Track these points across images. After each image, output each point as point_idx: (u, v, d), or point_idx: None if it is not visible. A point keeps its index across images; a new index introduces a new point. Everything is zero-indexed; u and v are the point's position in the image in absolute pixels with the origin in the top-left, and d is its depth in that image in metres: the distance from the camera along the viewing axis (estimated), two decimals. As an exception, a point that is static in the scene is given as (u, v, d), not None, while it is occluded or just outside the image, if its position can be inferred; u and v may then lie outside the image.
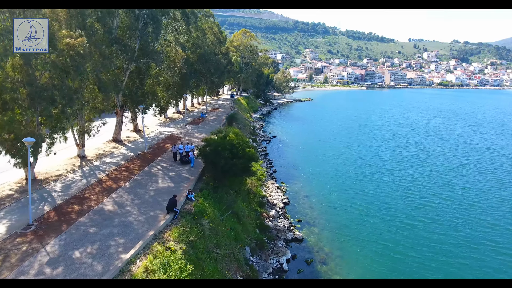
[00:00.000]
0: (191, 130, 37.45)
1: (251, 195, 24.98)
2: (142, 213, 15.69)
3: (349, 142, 53.98)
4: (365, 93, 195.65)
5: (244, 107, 78.31)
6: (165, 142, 31.08)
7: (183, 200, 17.09)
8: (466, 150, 50.06)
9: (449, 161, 43.05)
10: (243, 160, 19.99)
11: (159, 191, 18.43)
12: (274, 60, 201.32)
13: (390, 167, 39.31)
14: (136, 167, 22.86)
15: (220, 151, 19.61)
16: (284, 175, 36.04)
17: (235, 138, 21.45)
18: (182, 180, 20.41)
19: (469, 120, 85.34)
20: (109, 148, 27.51)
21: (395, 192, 31.40)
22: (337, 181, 34.39)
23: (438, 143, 54.21)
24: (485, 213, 27.68)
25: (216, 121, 45.00)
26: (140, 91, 27.02)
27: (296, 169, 38.43)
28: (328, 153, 45.91)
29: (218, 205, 19.02)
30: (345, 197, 29.95)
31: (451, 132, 65.50)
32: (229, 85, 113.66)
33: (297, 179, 34.93)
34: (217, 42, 55.77)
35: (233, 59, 78.26)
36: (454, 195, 31.12)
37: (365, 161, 41.82)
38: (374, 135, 60.09)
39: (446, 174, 37.21)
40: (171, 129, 37.89)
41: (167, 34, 30.28)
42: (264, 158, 41.70)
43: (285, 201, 28.17)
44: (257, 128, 62.58)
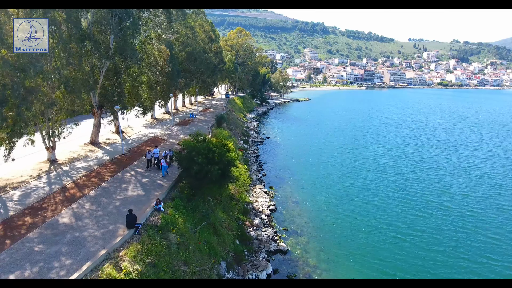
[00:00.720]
0: (177, 132, 35.80)
1: (233, 202, 23.34)
2: (100, 227, 14.05)
3: (345, 144, 52.34)
4: (364, 93, 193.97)
5: (239, 107, 76.70)
6: (146, 144, 29.43)
7: (149, 211, 15.45)
8: (465, 152, 48.30)
9: (448, 165, 41.31)
10: (220, 165, 18.33)
11: (126, 201, 16.78)
12: (272, 60, 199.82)
13: (386, 172, 37.62)
14: (109, 172, 21.21)
15: (194, 156, 17.95)
16: (274, 179, 34.40)
17: (214, 141, 19.79)
18: (154, 188, 18.75)
19: (469, 121, 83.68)
20: (84, 152, 25.86)
21: (391, 199, 29.72)
22: (330, 186, 32.73)
23: (436, 145, 52.53)
24: (485, 222, 26.03)
25: (205, 122, 43.36)
26: (117, 90, 25.36)
27: (288, 172, 36.78)
28: (322, 156, 44.26)
29: (192, 215, 17.38)
30: (337, 204, 28.30)
31: (450, 134, 63.84)
32: (226, 85, 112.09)
33: (288, 183, 33.28)
34: (209, 41, 54.08)
35: (227, 58, 76.64)
36: (453, 203, 29.38)
37: (360, 164, 40.14)
38: (371, 136, 58.45)
39: (444, 180, 35.48)
40: (156, 130, 36.25)
41: (148, 30, 28.65)
42: (254, 161, 40.08)
43: (272, 208, 26.53)
44: (251, 129, 60.97)
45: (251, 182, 31.42)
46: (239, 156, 34.00)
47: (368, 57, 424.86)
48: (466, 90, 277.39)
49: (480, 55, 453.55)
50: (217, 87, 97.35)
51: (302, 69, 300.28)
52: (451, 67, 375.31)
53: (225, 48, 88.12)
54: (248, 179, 27.73)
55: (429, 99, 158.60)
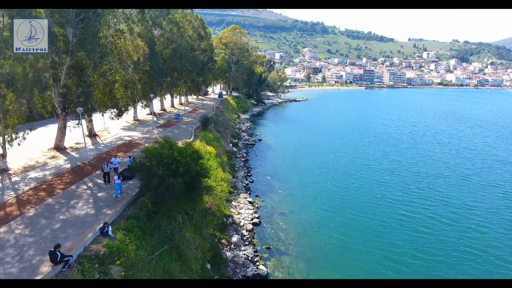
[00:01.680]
0: (157, 135, 32.96)
1: (209, 217, 20.55)
2: (23, 260, 11.25)
3: (341, 147, 49.55)
4: (363, 93, 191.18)
5: (232, 108, 73.89)
6: (118, 149, 26.64)
7: (90, 237, 12.65)
8: (469, 157, 45.19)
9: (451, 172, 38.31)
10: (186, 177, 15.54)
11: (69, 222, 13.99)
12: (270, 59, 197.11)
13: (384, 180, 34.70)
14: (63, 184, 18.41)
15: (153, 166, 15.15)
16: (262, 186, 31.61)
17: (181, 148, 16.97)
18: (109, 205, 15.95)
19: (471, 122, 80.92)
20: (44, 159, 23.06)
21: (389, 213, 26.88)
22: (322, 196, 29.95)
23: (438, 149, 49.62)
24: (495, 239, 23.26)
25: (191, 123, 40.54)
26: (80, 89, 22.54)
27: (277, 179, 33.98)
28: (316, 161, 41.45)
29: (150, 238, 14.59)
30: (328, 217, 25.50)
31: (453, 136, 61.00)
32: (220, 85, 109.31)
33: (276, 191, 30.48)
34: (197, 37, 51.28)
35: (220, 57, 73.92)
36: (456, 216, 26.54)
37: (356, 171, 37.24)
38: (369, 139, 55.62)
39: (447, 190, 32.50)
40: (134, 133, 33.45)
41: (119, 22, 25.85)
42: (242, 166, 37.29)
43: (255, 221, 23.74)
44: (243, 130, 58.19)
45: (235, 191, 28.64)
46: (223, 161, 31.21)
47: (367, 57, 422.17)
48: (466, 90, 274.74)
49: (480, 55, 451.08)
50: (211, 87, 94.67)
51: (301, 68, 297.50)
52: (451, 67, 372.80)
53: (219, 46, 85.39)
54: (227, 190, 24.88)
55: (429, 99, 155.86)
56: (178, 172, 15.38)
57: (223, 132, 47.19)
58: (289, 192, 30.42)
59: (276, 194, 29.84)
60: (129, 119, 41.21)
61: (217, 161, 29.46)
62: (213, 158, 28.51)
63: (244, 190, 29.86)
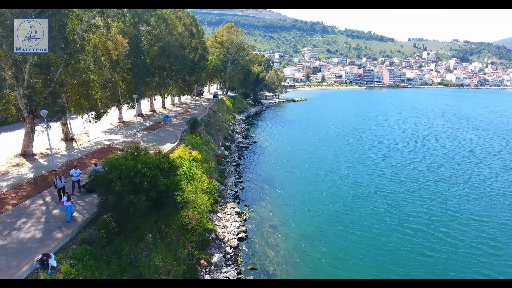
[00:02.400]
0: (140, 138, 30.67)
1: (187, 234, 18.24)
2: None
3: (339, 151, 47.27)
4: (363, 93, 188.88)
5: (227, 108, 71.60)
6: (93, 155, 24.33)
7: (25, 271, 10.34)
8: (475, 162, 42.48)
9: (455, 178, 35.83)
10: (153, 193, 13.25)
11: (6, 250, 11.65)
12: (268, 58, 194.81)
13: (384, 188, 32.33)
14: (17, 198, 16.11)
15: (111, 181, 12.84)
16: (253, 194, 29.28)
17: (150, 158, 14.64)
18: (61, 226, 13.63)
19: (474, 123, 78.65)
20: (7, 167, 20.75)
21: (390, 226, 24.57)
22: (318, 206, 27.63)
23: (441, 153, 47.19)
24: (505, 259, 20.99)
25: (179, 126, 38.25)
26: (48, 89, 20.23)
27: (270, 186, 31.66)
28: (313, 166, 39.13)
29: (106, 267, 12.29)
30: (323, 231, 23.18)
31: (456, 138, 58.66)
32: (217, 85, 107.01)
33: (268, 200, 28.17)
34: (189, 35, 48.95)
35: (215, 55, 71.63)
36: (467, 236, 24.21)
37: (355, 178, 34.81)
38: (368, 142, 53.32)
39: (451, 198, 30.31)
40: (116, 137, 31.15)
41: (94, 17, 23.52)
42: (233, 171, 34.97)
43: (241, 236, 21.42)
44: (237, 132, 55.88)
45: (222, 200, 26.32)
46: (211, 168, 28.89)
47: (367, 56, 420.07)
48: (466, 90, 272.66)
49: (480, 54, 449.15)
50: (207, 87, 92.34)
51: (300, 68, 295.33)
52: (451, 66, 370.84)
53: (215, 45, 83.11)
54: (211, 201, 22.43)
55: (430, 100, 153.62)
56: (143, 187, 13.08)
57: (215, 135, 44.90)
58: (282, 201, 28.11)
59: (267, 203, 27.53)
60: (114, 121, 38.93)
61: (203, 167, 27.17)
62: (198, 165, 26.23)
63: (233, 198, 27.55)
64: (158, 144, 28.30)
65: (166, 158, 15.05)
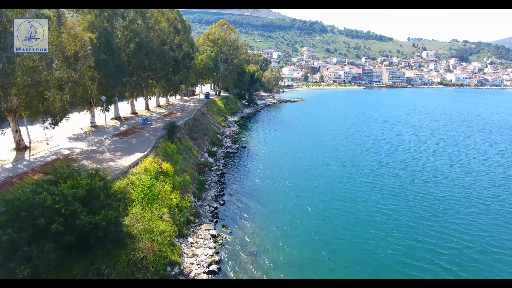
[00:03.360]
0: (106, 147, 26.95)
1: (140, 273, 14.54)
2: None
3: (335, 159, 43.63)
4: (362, 93, 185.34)
5: (219, 110, 67.92)
6: (41, 169, 20.55)
7: None
8: (484, 172, 38.19)
9: (468, 193, 31.45)
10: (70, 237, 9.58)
11: None
12: (265, 58, 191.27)
13: (384, 204, 28.56)
14: None
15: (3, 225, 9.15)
16: (234, 211, 25.61)
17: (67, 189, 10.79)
18: None
19: (478, 126, 75.06)
20: None
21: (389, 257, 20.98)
22: (308, 226, 24.00)
23: (448, 161, 43.07)
24: None
25: (158, 130, 34.49)
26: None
27: (255, 200, 28.00)
28: (305, 175, 35.48)
29: None
30: (313, 261, 19.51)
31: (460, 143, 54.88)
32: (211, 85, 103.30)
33: (251, 218, 24.51)
34: (174, 31, 45.20)
35: (206, 54, 67.91)
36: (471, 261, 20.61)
37: (352, 192, 30.74)
38: (367, 148, 49.54)
39: (464, 224, 26.66)
40: (81, 144, 27.43)
41: (40, 5, 19.87)
42: (216, 181, 31.29)
43: (213, 269, 17.73)
44: (227, 135, 52.18)
45: (196, 220, 22.63)
46: (185, 180, 25.15)
47: (366, 56, 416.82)
48: (467, 90, 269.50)
49: (479, 54, 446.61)
50: (198, 87, 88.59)
51: (299, 68, 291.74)
52: (450, 66, 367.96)
53: (207, 43, 79.48)
54: (171, 230, 18.56)
55: (430, 100, 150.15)
56: (52, 232, 9.39)
57: (200, 139, 41.19)
58: (267, 220, 24.43)
59: (250, 222, 23.85)
60: (85, 125, 35.20)
61: (175, 181, 23.48)
62: (168, 179, 22.55)
63: (210, 217, 23.85)
64: (124, 153, 24.61)
65: (97, 184, 11.33)
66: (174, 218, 19.68)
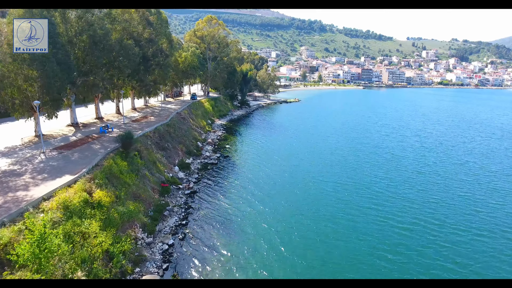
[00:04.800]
0: (35, 165, 21.12)
1: None
2: None
3: (329, 171, 37.82)
4: (361, 93, 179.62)
5: (204, 112, 62.11)
6: None
7: None
8: (507, 191, 32.68)
9: (473, 211, 26.67)
10: None
11: None
12: (261, 57, 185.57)
13: (380, 225, 23.26)
14: None
15: None
16: (195, 249, 19.80)
17: None
18: None
19: (488, 131, 69.20)
20: None
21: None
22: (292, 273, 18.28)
23: (460, 175, 37.08)
24: None
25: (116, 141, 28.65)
26: None
27: (227, 231, 22.22)
28: (294, 194, 29.72)
29: None
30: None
31: (471, 152, 48.75)
32: (201, 85, 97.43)
33: (216, 261, 18.72)
34: (146, 24, 39.34)
35: (190, 51, 62.02)
36: None
37: (348, 220, 25.42)
38: (366, 158, 43.58)
39: (463, 243, 21.16)
40: (3, 162, 21.60)
41: None
42: (181, 205, 25.48)
43: None
44: (209, 142, 46.37)
45: (136, 269, 16.81)
46: (130, 211, 19.32)
47: (366, 55, 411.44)
48: (468, 90, 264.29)
49: (479, 54, 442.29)
50: (188, 86, 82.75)
51: (297, 67, 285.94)
52: (450, 66, 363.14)
53: (193, 40, 73.66)
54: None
55: (432, 101, 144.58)
56: None
57: (172, 149, 35.36)
58: (240, 263, 18.68)
59: (213, 266, 18.07)
60: (28, 134, 29.37)
61: (113, 214, 17.69)
62: (100, 213, 16.77)
63: (160, 260, 18.04)
64: (49, 176, 18.80)
65: None
66: (95, 274, 13.93)
